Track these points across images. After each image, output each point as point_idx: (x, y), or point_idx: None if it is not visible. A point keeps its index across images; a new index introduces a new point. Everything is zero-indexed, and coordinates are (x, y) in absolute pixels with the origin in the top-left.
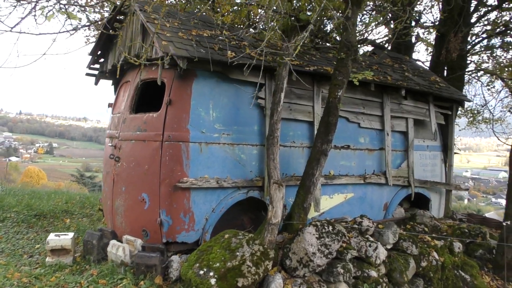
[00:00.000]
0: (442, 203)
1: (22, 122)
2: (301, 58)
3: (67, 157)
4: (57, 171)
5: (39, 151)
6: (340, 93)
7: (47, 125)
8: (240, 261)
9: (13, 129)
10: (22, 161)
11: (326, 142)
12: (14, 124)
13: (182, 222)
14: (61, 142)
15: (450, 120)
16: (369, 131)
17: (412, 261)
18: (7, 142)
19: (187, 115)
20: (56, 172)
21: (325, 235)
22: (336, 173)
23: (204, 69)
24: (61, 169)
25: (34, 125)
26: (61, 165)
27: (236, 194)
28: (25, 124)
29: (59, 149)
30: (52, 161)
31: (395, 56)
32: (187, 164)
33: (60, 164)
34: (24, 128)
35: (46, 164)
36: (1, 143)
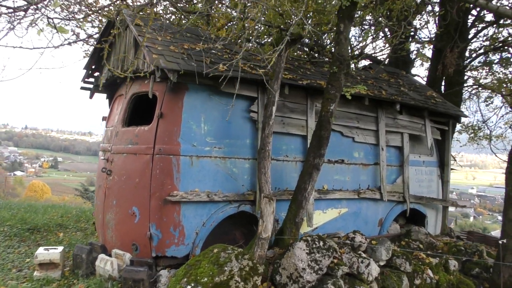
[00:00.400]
0: (439, 220)
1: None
2: (295, 72)
3: (72, 171)
4: (61, 185)
5: (44, 166)
6: (333, 107)
7: (52, 139)
8: (228, 276)
9: (19, 144)
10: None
11: (318, 156)
12: (20, 138)
13: (172, 236)
14: (66, 157)
15: (447, 135)
16: (364, 145)
17: (405, 278)
18: (13, 157)
19: (178, 128)
20: (61, 186)
21: (315, 251)
22: (330, 187)
23: (196, 82)
24: (65, 183)
25: (39, 139)
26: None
27: (227, 208)
28: (31, 138)
29: (63, 164)
30: (57, 175)
31: (391, 71)
32: (177, 178)
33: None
34: (30, 143)
35: (51, 178)
36: (6, 157)
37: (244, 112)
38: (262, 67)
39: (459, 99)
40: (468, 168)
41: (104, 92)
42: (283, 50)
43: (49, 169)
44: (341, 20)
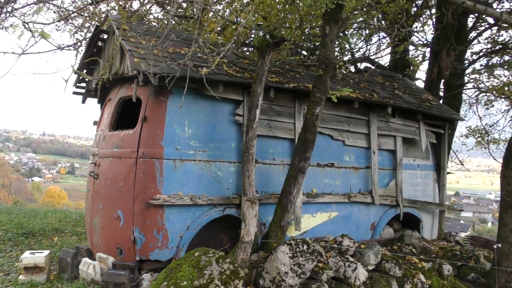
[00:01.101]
0: (436, 224)
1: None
2: (283, 75)
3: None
4: (78, 191)
5: (61, 171)
6: (318, 110)
7: (69, 145)
8: (208, 280)
9: (37, 150)
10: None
11: (303, 160)
12: (38, 145)
13: (155, 240)
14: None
15: (443, 139)
16: (355, 149)
17: (394, 283)
18: (31, 163)
19: (162, 132)
20: (77, 192)
21: (299, 254)
22: (320, 191)
23: (180, 86)
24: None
25: (56, 145)
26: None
27: (212, 212)
28: (48, 144)
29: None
30: (74, 181)
31: (387, 74)
32: (160, 181)
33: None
34: (47, 149)
35: (68, 184)
36: (25, 164)
37: (229, 116)
38: (249, 70)
39: (459, 103)
40: (486, 173)
41: (95, 97)
42: (267, 53)
43: (66, 175)
44: (326, 23)
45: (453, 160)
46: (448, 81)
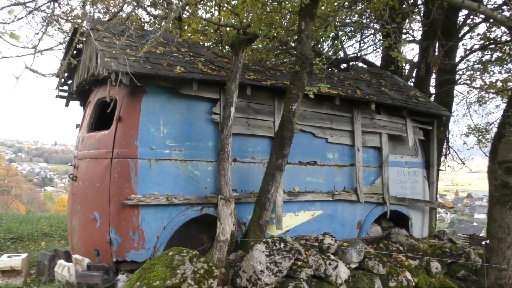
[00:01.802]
0: (426, 222)
1: (57, 152)
2: (262, 73)
3: None
4: None
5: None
6: (295, 106)
7: None
8: (181, 279)
9: (49, 160)
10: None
11: (281, 157)
12: (50, 154)
13: (131, 240)
14: None
15: (432, 135)
16: (338, 146)
17: (378, 281)
18: (43, 173)
19: (136, 132)
20: None
21: (275, 252)
22: (302, 189)
23: (154, 85)
24: None
25: (68, 155)
26: None
27: (189, 211)
28: (60, 154)
29: None
30: None
31: (375, 72)
32: (135, 181)
33: None
34: (59, 159)
35: None
36: (37, 173)
37: (206, 114)
38: (226, 68)
39: (450, 99)
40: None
41: (77, 100)
42: (240, 50)
43: None
44: (302, 19)
45: (455, 160)
46: (439, 77)
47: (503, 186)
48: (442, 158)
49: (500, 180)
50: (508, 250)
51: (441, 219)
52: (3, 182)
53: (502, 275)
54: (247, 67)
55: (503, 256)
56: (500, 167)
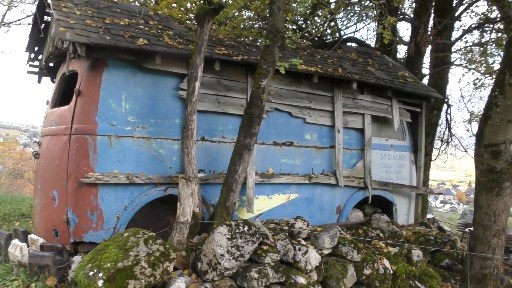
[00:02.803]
0: (412, 208)
1: None
2: (236, 49)
3: None
4: None
5: None
6: (265, 82)
7: None
8: (134, 262)
9: None
10: None
11: (249, 136)
12: None
13: (89, 221)
14: None
15: (420, 118)
16: (317, 127)
17: (351, 268)
18: None
19: (96, 107)
20: None
21: (238, 236)
22: (277, 171)
23: (116, 58)
24: None
25: None
26: None
27: (152, 191)
28: None
29: None
30: None
31: (363, 51)
32: (94, 159)
33: None
34: None
35: None
36: None
37: (173, 90)
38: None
39: (444, 82)
40: None
41: (48, 75)
42: (205, 21)
43: None
44: None
45: (458, 148)
46: (434, 58)
47: (490, 171)
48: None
49: (486, 164)
50: (494, 238)
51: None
52: (17, 166)
53: (486, 264)
54: (221, 42)
55: (488, 244)
56: (486, 151)
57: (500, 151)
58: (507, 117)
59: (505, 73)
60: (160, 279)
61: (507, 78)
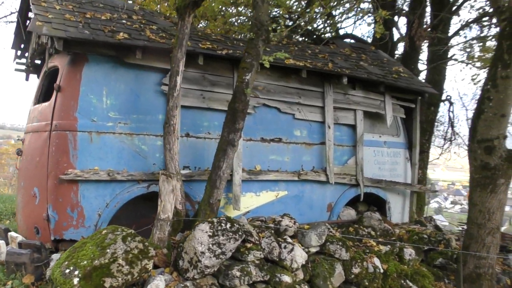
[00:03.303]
0: (407, 206)
1: None
2: (223, 43)
3: None
4: None
5: None
6: (249, 77)
7: None
8: (111, 259)
9: None
10: None
11: (233, 131)
12: None
13: (70, 218)
14: None
15: (414, 114)
16: (307, 123)
17: (339, 266)
18: None
19: (76, 103)
20: None
21: (220, 233)
22: (265, 168)
23: (97, 53)
24: None
25: None
26: None
27: (135, 188)
28: None
29: None
30: None
31: (358, 46)
32: (74, 155)
33: None
34: None
35: None
36: None
37: (156, 86)
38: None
39: (442, 77)
40: None
41: (34, 73)
42: (186, 14)
43: None
44: None
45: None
46: (431, 53)
47: (483, 167)
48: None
49: (479, 160)
50: (488, 236)
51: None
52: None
53: (481, 263)
54: (207, 36)
55: (482, 243)
56: (479, 146)
57: (493, 147)
58: (500, 111)
59: (497, 66)
60: (139, 277)
61: (499, 71)
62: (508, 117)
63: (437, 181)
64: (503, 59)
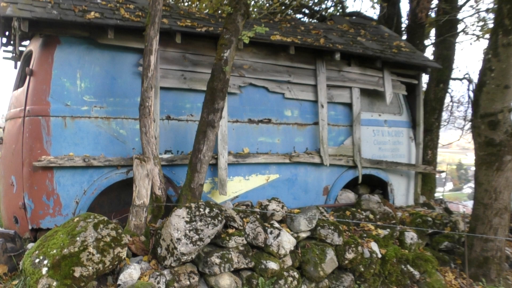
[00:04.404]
0: (412, 188)
1: None
2: (206, 21)
3: None
4: None
5: None
6: (227, 53)
7: None
8: (80, 247)
9: None
10: None
11: (213, 112)
12: None
13: (46, 206)
14: None
15: (418, 90)
16: (299, 102)
17: (330, 252)
18: None
19: (48, 87)
20: None
21: (198, 219)
22: (253, 151)
23: (69, 34)
24: None
25: None
26: None
27: (113, 174)
28: None
29: None
30: None
31: (357, 22)
32: (48, 141)
33: None
34: None
35: None
36: None
37: (133, 67)
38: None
39: (451, 52)
40: None
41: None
42: None
43: None
44: None
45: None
46: (438, 28)
47: (488, 143)
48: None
49: (484, 136)
50: (495, 217)
51: None
52: None
53: (488, 246)
54: (190, 15)
55: (489, 224)
56: (483, 122)
57: (498, 121)
58: (503, 83)
59: (498, 33)
60: (111, 266)
61: (500, 38)
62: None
63: (470, 166)
64: (503, 25)
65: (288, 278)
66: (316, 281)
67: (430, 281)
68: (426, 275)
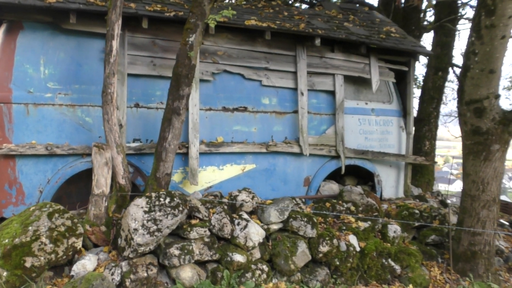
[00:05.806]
0: (402, 179)
1: None
2: (178, 6)
3: None
4: None
5: None
6: (193, 38)
7: None
8: (32, 237)
9: None
10: None
11: (178, 99)
12: None
13: (8, 195)
14: None
15: (408, 78)
16: (277, 90)
17: (302, 244)
18: None
19: (10, 73)
20: None
21: (157, 209)
22: (228, 140)
23: (32, 20)
24: None
25: None
26: None
27: (78, 163)
28: None
29: None
30: None
31: (347, 8)
32: (10, 129)
33: None
34: None
35: None
36: None
37: (100, 53)
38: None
39: (451, 39)
40: None
41: None
42: None
43: None
44: None
45: None
46: (438, 13)
47: (475, 132)
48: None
49: (470, 125)
50: (483, 210)
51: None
52: None
53: (476, 240)
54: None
55: (477, 217)
56: (468, 109)
57: (484, 108)
58: (487, 67)
59: (481, 14)
60: (65, 256)
61: (483, 20)
62: (499, 74)
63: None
64: (486, 5)
65: (256, 271)
66: (287, 274)
67: (413, 276)
68: (408, 270)
